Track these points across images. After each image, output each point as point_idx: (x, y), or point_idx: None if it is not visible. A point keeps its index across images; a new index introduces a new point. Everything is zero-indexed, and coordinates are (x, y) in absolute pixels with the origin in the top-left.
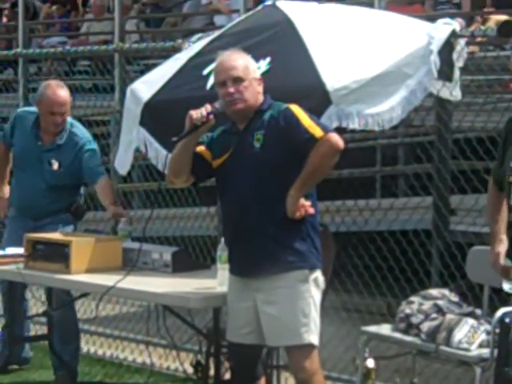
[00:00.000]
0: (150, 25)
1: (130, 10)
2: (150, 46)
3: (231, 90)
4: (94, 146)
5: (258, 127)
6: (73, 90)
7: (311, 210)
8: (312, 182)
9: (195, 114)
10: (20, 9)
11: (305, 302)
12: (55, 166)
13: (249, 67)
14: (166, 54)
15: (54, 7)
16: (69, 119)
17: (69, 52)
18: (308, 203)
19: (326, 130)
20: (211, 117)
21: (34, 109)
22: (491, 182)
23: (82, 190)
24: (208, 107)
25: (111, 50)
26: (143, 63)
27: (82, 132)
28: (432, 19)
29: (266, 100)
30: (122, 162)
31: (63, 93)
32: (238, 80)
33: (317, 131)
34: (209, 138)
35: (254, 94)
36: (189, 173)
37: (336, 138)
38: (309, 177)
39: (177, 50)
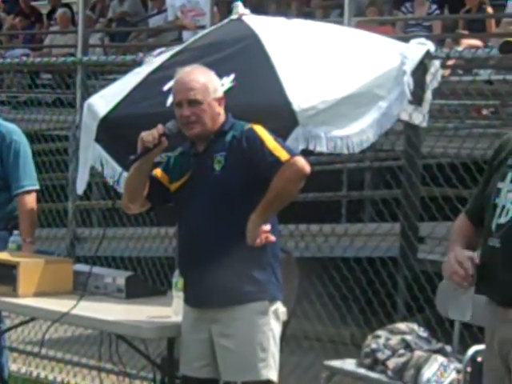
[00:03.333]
0: (115, 40)
1: (94, 24)
2: (110, 59)
3: (187, 112)
4: (20, 146)
5: (218, 149)
6: (35, 104)
7: (272, 238)
8: (275, 207)
9: (146, 136)
10: None
11: (264, 336)
12: None
13: (208, 87)
14: (129, 69)
15: (18, 19)
16: None
17: (25, 63)
18: (268, 228)
19: (291, 153)
20: (163, 139)
21: None
22: (463, 214)
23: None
24: (160, 129)
25: (70, 63)
26: (106, 78)
27: (9, 131)
28: (402, 41)
29: (228, 120)
30: (80, 181)
31: None
32: (194, 102)
33: (282, 154)
34: (166, 160)
35: (213, 116)
36: (144, 198)
37: (302, 162)
38: (272, 202)
39: (138, 64)
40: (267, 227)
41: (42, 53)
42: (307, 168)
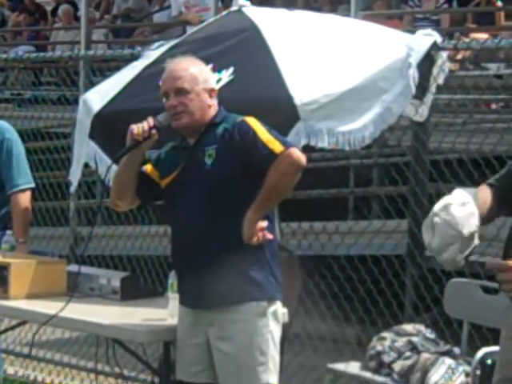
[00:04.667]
0: (119, 36)
1: (98, 21)
2: (108, 53)
3: (173, 102)
4: (12, 144)
5: (209, 142)
6: (39, 101)
7: (270, 236)
8: (271, 202)
9: (136, 128)
10: None
11: (262, 339)
12: None
13: (197, 77)
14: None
15: (22, 16)
16: None
17: (21, 58)
18: (265, 225)
19: (286, 144)
20: (154, 131)
21: None
22: (488, 188)
23: None
24: (150, 121)
25: (66, 57)
26: (105, 74)
27: (0, 129)
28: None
29: (220, 112)
30: (73, 179)
31: None
32: (181, 92)
33: (276, 146)
34: (156, 155)
35: (202, 106)
36: (133, 194)
37: (298, 154)
38: (267, 197)
39: (136, 57)
40: (264, 224)
41: (45, 50)
42: (303, 160)
